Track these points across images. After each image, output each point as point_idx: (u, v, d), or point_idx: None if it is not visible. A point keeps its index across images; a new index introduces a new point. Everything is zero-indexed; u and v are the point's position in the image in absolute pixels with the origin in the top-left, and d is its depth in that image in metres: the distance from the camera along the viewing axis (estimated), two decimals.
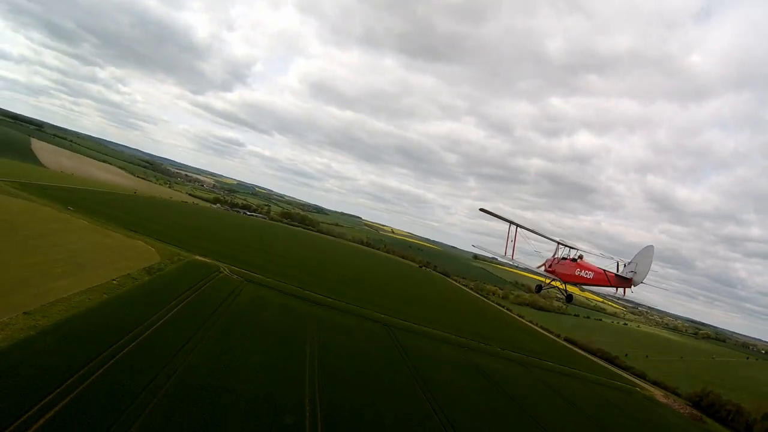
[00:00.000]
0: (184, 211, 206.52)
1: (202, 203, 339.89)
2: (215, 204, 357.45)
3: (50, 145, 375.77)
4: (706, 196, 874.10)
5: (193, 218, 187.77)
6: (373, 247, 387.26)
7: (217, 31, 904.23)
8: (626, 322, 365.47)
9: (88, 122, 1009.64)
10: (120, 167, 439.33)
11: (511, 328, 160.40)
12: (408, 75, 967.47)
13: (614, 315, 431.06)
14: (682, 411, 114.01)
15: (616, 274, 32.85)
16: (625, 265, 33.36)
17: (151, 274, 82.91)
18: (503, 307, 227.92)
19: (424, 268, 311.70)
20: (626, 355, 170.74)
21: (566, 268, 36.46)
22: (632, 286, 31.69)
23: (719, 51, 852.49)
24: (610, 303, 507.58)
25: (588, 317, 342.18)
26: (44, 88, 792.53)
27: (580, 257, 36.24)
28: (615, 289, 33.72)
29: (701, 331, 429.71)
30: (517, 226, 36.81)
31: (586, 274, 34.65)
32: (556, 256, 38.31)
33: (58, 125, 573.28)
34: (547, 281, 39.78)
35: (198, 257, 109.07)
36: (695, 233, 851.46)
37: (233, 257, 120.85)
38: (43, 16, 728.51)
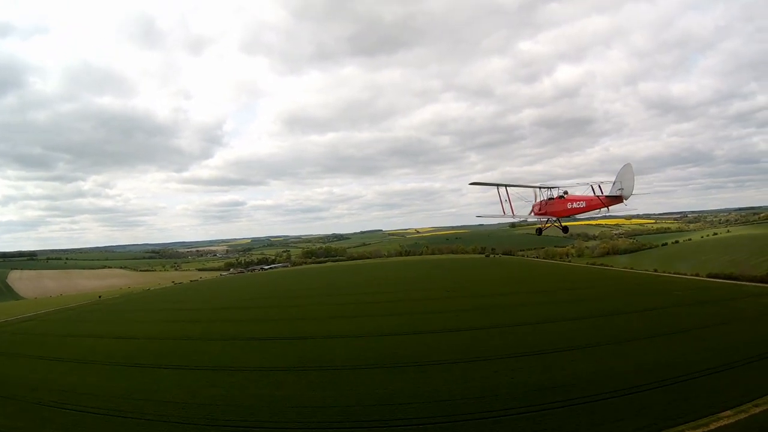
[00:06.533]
0: (152, 307, 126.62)
1: (210, 275, 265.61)
2: (227, 270, 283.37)
3: (33, 272, 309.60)
4: (701, 84, 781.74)
5: (159, 320, 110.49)
6: (415, 254, 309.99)
7: (176, 103, 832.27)
8: (715, 232, 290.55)
9: (92, 235, 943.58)
10: (122, 267, 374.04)
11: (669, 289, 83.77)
12: (373, 75, 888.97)
13: (680, 230, 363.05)
14: None
15: (607, 195, 32.27)
16: (599, 186, 33.59)
17: None
18: (606, 266, 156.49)
19: (491, 255, 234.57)
20: None
21: (558, 206, 36.16)
22: (624, 201, 31.63)
23: None
24: (665, 222, 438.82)
25: (677, 241, 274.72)
26: (39, 219, 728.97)
27: (566, 193, 35.95)
28: (607, 208, 33.67)
29: (761, 215, 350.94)
30: (506, 186, 37.48)
31: (579, 204, 34.56)
32: (541, 199, 37.76)
33: (65, 248, 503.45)
34: (544, 224, 39.14)
35: None
36: (704, 123, 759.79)
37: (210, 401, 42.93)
38: (10, 152, 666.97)
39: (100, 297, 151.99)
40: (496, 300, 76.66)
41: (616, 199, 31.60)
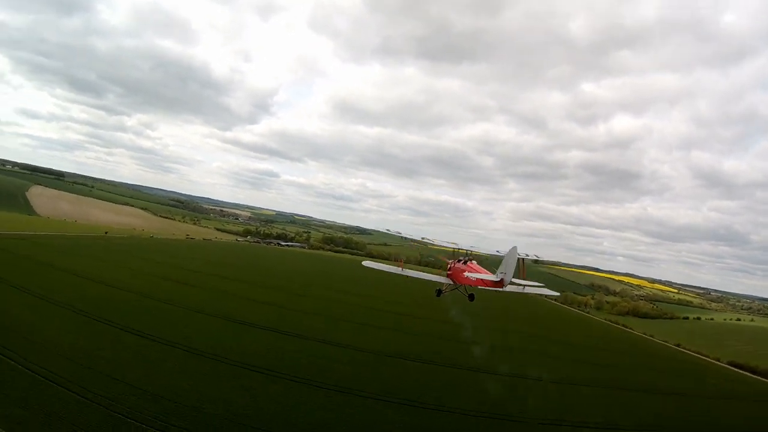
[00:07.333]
0: (152, 258, 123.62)
1: (227, 237, 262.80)
2: (244, 237, 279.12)
3: (54, 191, 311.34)
4: (755, 165, 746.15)
5: (152, 274, 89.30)
6: (433, 266, 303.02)
7: (235, 63, 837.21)
8: (739, 318, 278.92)
9: (126, 171, 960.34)
10: (143, 208, 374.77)
11: (700, 373, 74.62)
12: (433, 81, 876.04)
13: (702, 307, 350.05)
14: None
15: (491, 280, 30.12)
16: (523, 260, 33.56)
17: None
18: (627, 327, 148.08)
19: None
20: None
21: (459, 272, 33.79)
22: (504, 286, 29.77)
23: (752, 4, 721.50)
24: (686, 294, 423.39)
25: (698, 318, 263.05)
26: (78, 143, 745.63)
27: (470, 260, 33.70)
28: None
29: None
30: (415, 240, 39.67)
31: (472, 276, 31.94)
32: (453, 260, 35.38)
33: (98, 177, 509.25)
34: (446, 287, 35.38)
35: None
36: (747, 205, 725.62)
37: None
38: (64, 71, 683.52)
39: (106, 233, 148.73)
40: (515, 340, 69.44)
41: (498, 283, 30.02)
